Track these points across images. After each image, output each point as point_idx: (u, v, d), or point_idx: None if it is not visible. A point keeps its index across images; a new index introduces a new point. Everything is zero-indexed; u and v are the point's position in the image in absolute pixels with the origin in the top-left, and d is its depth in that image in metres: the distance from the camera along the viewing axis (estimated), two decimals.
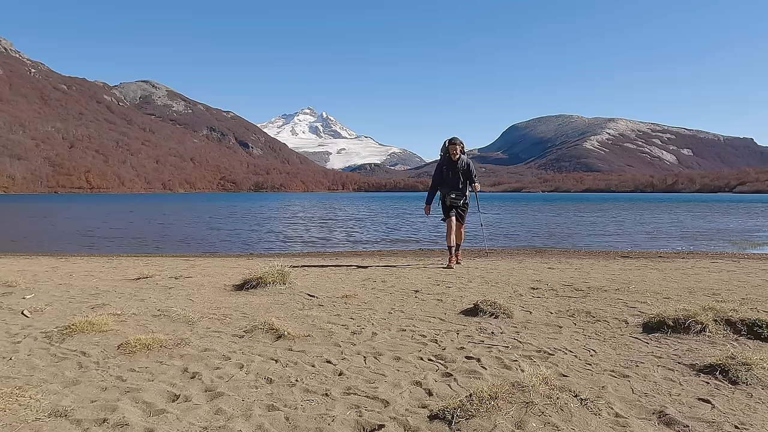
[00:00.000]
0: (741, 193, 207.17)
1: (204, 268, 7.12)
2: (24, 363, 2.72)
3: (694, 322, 3.18)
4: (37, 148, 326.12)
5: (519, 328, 3.46)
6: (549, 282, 5.43)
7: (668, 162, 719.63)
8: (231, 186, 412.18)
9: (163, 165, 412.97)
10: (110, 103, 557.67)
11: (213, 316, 3.83)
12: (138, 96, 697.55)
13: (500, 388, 2.11)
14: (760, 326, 3.09)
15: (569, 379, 2.45)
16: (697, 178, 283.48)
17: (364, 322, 3.66)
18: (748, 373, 2.38)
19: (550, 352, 2.91)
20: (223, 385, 2.39)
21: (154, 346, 2.92)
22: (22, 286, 5.15)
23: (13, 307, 4.14)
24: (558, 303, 4.30)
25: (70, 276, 6.21)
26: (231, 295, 4.73)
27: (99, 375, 2.52)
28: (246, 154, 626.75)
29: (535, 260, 8.44)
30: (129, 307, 4.15)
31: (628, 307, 4.06)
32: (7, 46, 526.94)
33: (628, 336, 3.23)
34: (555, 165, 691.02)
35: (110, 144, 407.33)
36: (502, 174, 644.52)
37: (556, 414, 1.99)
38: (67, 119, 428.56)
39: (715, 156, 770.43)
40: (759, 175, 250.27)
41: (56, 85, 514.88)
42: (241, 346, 3.02)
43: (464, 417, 1.95)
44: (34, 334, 3.29)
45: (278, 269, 5.24)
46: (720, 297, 4.43)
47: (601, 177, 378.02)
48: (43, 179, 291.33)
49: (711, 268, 6.99)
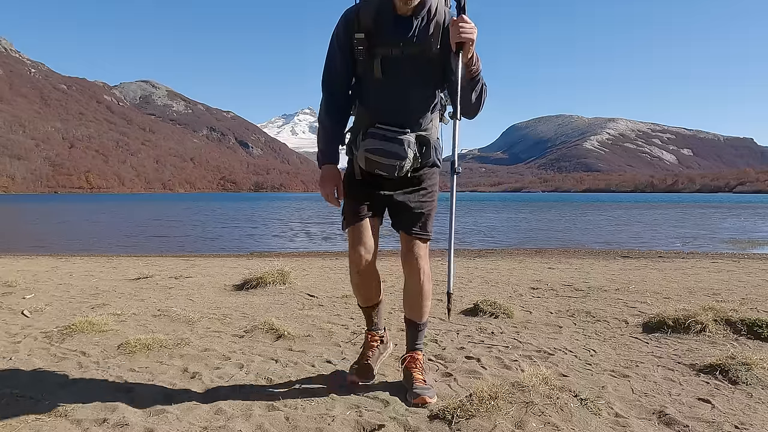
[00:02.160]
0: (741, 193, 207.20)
1: (204, 268, 7.12)
2: (24, 363, 2.71)
3: (694, 322, 3.18)
4: (37, 148, 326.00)
5: (519, 328, 3.45)
6: (549, 282, 5.43)
7: (668, 162, 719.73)
8: (231, 186, 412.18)
9: (163, 165, 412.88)
10: (110, 103, 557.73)
11: (213, 316, 3.83)
12: (138, 96, 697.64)
13: (500, 388, 2.11)
14: (760, 326, 3.09)
15: (569, 379, 2.45)
16: (697, 178, 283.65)
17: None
18: (748, 373, 2.38)
19: (550, 352, 2.91)
20: (223, 385, 2.39)
21: (154, 346, 2.92)
22: (22, 286, 5.15)
23: (13, 307, 4.14)
24: (558, 303, 4.30)
25: (70, 276, 6.21)
26: (231, 295, 4.73)
27: (99, 375, 2.52)
28: (246, 154, 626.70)
29: (535, 260, 8.44)
30: (129, 307, 4.15)
31: (628, 307, 4.06)
32: (7, 46, 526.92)
33: (628, 336, 3.23)
34: (555, 165, 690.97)
35: (110, 144, 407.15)
36: (502, 174, 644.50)
37: (556, 414, 1.99)
38: (67, 119, 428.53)
39: (715, 156, 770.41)
40: (759, 175, 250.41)
41: (56, 85, 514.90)
42: (241, 346, 3.02)
43: (464, 417, 1.95)
44: (34, 334, 3.29)
45: (278, 269, 5.25)
46: (720, 297, 4.43)
47: (601, 177, 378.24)
48: (43, 179, 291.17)
49: (711, 268, 6.99)
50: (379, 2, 1.98)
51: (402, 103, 2.05)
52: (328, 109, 2.12)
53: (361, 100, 2.13)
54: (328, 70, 2.09)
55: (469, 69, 1.87)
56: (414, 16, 1.96)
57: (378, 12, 1.97)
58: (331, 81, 2.11)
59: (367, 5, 1.98)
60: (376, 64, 2.00)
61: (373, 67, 2.00)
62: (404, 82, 2.03)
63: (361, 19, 1.98)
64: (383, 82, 2.02)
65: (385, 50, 1.99)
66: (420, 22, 1.97)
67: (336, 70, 2.08)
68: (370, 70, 2.02)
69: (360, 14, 1.98)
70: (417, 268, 2.16)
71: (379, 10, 1.97)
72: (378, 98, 2.06)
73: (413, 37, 1.97)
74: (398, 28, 1.97)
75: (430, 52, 2.00)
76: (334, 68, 2.08)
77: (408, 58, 1.99)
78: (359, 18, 1.98)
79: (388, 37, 1.98)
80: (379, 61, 1.99)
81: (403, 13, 1.96)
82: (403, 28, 1.97)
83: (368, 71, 2.03)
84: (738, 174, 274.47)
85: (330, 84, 2.11)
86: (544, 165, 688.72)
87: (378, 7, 1.97)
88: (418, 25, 1.97)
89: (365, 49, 1.98)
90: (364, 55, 2.00)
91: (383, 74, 2.00)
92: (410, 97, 2.05)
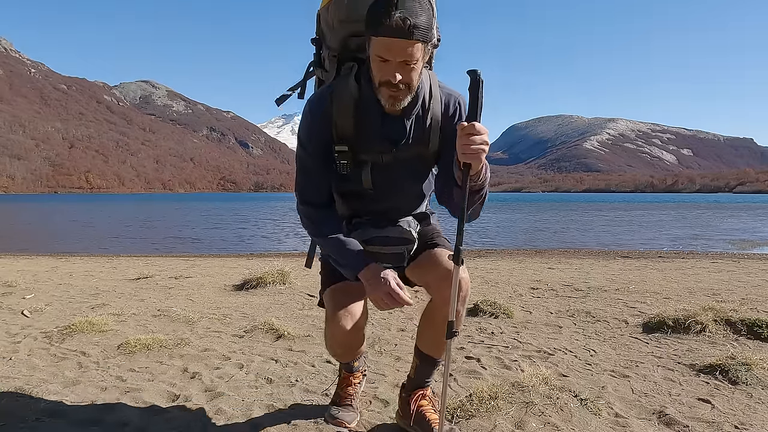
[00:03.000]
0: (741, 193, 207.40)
1: (204, 268, 7.12)
2: (24, 363, 2.71)
3: (694, 322, 3.18)
4: (37, 148, 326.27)
5: (519, 328, 3.45)
6: (549, 282, 5.43)
7: (668, 162, 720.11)
8: (231, 186, 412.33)
9: (163, 165, 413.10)
10: (110, 103, 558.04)
11: (213, 316, 3.83)
12: (138, 96, 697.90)
13: (500, 388, 2.12)
14: (760, 326, 3.09)
15: (569, 379, 2.45)
16: (697, 178, 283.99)
17: None
18: (748, 373, 2.38)
19: (550, 352, 2.91)
20: (223, 385, 2.39)
21: (154, 346, 2.92)
22: (22, 286, 5.15)
23: (13, 307, 4.14)
24: (558, 303, 4.30)
25: (70, 276, 6.21)
26: (231, 295, 4.73)
27: (99, 375, 2.52)
28: (246, 154, 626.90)
29: (535, 260, 8.44)
30: (129, 307, 4.15)
31: (628, 307, 4.06)
32: (7, 46, 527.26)
33: (628, 336, 3.23)
34: (555, 165, 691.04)
35: (110, 144, 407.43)
36: (502, 174, 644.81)
37: (556, 414, 2.00)
38: (67, 119, 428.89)
39: (715, 156, 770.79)
40: (759, 175, 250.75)
41: (56, 85, 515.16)
42: (241, 346, 3.02)
43: (464, 417, 1.95)
44: (34, 334, 3.29)
45: (278, 269, 5.25)
46: (720, 297, 4.43)
47: (601, 177, 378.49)
48: (43, 179, 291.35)
49: (711, 268, 6.99)
50: (357, 99, 1.53)
51: (395, 202, 1.72)
52: (322, 221, 1.63)
53: (341, 194, 1.73)
54: (306, 186, 1.63)
55: (475, 183, 1.46)
56: (405, 116, 1.56)
57: (359, 113, 1.54)
58: (312, 194, 1.63)
59: (341, 104, 1.53)
60: (364, 175, 1.62)
61: (361, 178, 1.62)
62: (398, 185, 1.68)
63: (338, 125, 1.54)
64: (373, 190, 1.66)
65: (375, 157, 1.60)
66: (413, 121, 1.59)
67: (315, 184, 1.63)
68: (356, 179, 1.63)
69: (336, 120, 1.54)
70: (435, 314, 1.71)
71: (361, 111, 1.54)
72: (365, 201, 1.71)
73: (408, 139, 1.59)
74: (388, 132, 1.57)
75: (427, 152, 1.64)
76: (311, 183, 1.62)
77: (401, 162, 1.62)
78: (336, 125, 1.54)
79: (377, 144, 1.58)
80: (368, 171, 1.62)
81: (391, 113, 1.54)
82: (395, 131, 1.57)
83: (353, 178, 1.63)
84: (738, 174, 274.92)
85: (311, 196, 1.63)
86: (544, 165, 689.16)
87: (357, 107, 1.53)
88: (411, 124, 1.58)
89: (350, 161, 1.58)
90: (349, 167, 1.59)
91: (373, 183, 1.64)
92: (404, 197, 1.74)
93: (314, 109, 1.55)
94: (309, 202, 1.63)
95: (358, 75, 1.53)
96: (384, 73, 1.37)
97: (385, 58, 1.34)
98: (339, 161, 1.58)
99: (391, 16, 1.27)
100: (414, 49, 1.32)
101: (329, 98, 1.54)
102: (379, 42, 1.33)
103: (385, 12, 1.28)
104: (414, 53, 1.33)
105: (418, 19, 1.29)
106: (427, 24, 1.32)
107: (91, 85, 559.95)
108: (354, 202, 1.72)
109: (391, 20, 1.27)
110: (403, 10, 1.27)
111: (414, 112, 1.56)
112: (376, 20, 1.30)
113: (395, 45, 1.31)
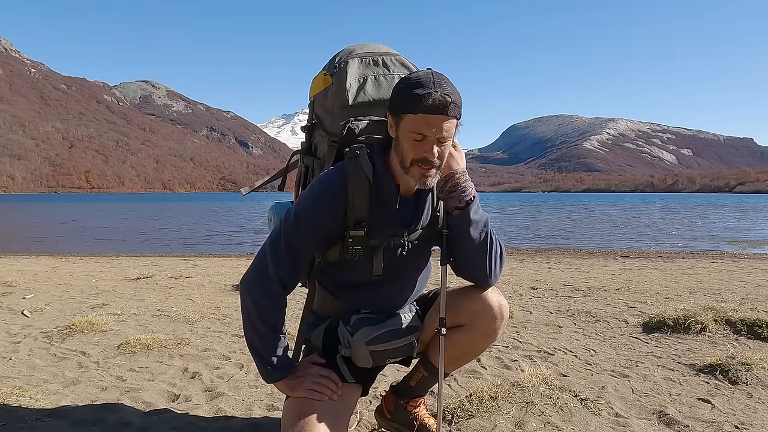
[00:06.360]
0: (741, 193, 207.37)
1: (204, 268, 7.12)
2: (24, 363, 2.71)
3: (694, 322, 3.18)
4: (37, 148, 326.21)
5: (519, 328, 3.46)
6: (549, 282, 5.43)
7: (668, 162, 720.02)
8: (231, 186, 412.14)
9: (163, 165, 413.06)
10: (110, 103, 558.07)
11: (213, 316, 3.83)
12: (138, 96, 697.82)
13: (500, 388, 2.12)
14: (760, 326, 3.09)
15: (569, 379, 2.45)
16: (697, 178, 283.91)
17: None
18: (748, 373, 2.38)
19: (550, 351, 2.91)
20: (223, 385, 2.39)
21: (154, 346, 2.92)
22: (22, 286, 5.15)
23: (13, 307, 4.14)
24: (558, 303, 4.30)
25: (70, 276, 6.21)
26: (231, 295, 4.73)
27: (99, 375, 2.52)
28: (246, 154, 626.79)
29: (535, 260, 8.44)
30: (129, 307, 4.15)
31: (628, 307, 4.06)
32: (7, 46, 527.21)
33: (628, 336, 3.23)
34: (555, 165, 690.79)
35: (110, 144, 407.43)
36: (502, 174, 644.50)
37: (556, 414, 1.99)
38: (67, 119, 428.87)
39: (715, 156, 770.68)
40: (759, 175, 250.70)
41: (56, 85, 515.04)
42: (241, 346, 3.02)
43: (464, 417, 1.95)
44: (34, 334, 3.29)
45: None
46: (720, 297, 4.43)
47: (601, 177, 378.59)
48: (43, 179, 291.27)
49: (711, 268, 6.99)
50: (373, 181, 1.42)
51: (399, 293, 1.60)
52: (278, 309, 1.45)
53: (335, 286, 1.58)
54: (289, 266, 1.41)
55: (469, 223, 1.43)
56: (419, 197, 1.49)
57: (373, 196, 1.43)
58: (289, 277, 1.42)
59: (356, 186, 1.41)
60: (376, 260, 1.48)
61: (372, 265, 1.49)
62: (406, 269, 1.57)
63: (355, 209, 1.42)
64: (380, 278, 1.51)
65: (386, 241, 1.48)
66: (425, 199, 1.50)
67: (299, 267, 1.44)
68: (365, 267, 1.49)
69: (353, 203, 1.42)
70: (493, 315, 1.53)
71: (377, 194, 1.43)
72: (367, 294, 1.54)
73: (422, 220, 1.50)
74: (404, 214, 1.48)
75: (433, 232, 1.54)
76: (295, 265, 1.42)
77: (412, 246, 1.52)
78: (353, 208, 1.42)
79: (391, 227, 1.47)
80: (381, 257, 1.48)
81: (405, 192, 1.46)
82: (409, 212, 1.48)
83: (361, 267, 1.49)
84: (738, 174, 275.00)
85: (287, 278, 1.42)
86: (544, 165, 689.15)
87: (372, 189, 1.42)
88: (422, 203, 1.50)
89: (363, 247, 1.45)
90: (360, 254, 1.46)
91: (384, 270, 1.50)
92: (410, 280, 1.62)
93: (331, 189, 1.42)
94: (283, 282, 1.41)
95: (371, 156, 1.45)
96: (419, 150, 1.33)
97: (424, 134, 1.31)
98: (353, 247, 1.44)
99: (432, 94, 1.28)
100: (450, 125, 1.33)
101: (346, 180, 1.42)
102: (417, 119, 1.31)
103: (428, 90, 1.29)
104: (450, 129, 1.33)
105: (455, 96, 1.32)
106: (461, 102, 1.35)
107: (91, 85, 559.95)
108: (349, 294, 1.56)
109: (433, 97, 1.28)
110: (440, 87, 1.30)
111: (428, 192, 1.50)
112: (415, 98, 1.30)
113: (435, 121, 1.30)
